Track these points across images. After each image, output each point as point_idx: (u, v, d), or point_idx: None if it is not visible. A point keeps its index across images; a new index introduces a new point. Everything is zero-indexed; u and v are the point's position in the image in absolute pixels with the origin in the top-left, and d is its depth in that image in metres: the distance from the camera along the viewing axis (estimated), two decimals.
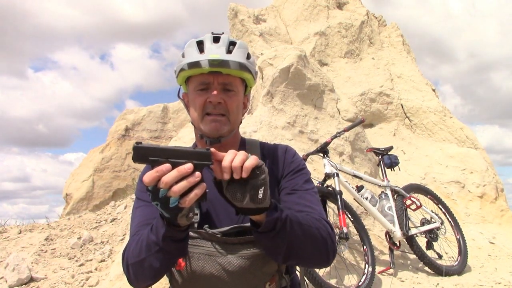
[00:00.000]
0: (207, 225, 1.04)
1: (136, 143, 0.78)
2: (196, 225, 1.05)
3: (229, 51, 1.11)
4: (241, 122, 1.22)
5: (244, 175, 0.82)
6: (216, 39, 1.13)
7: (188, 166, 0.77)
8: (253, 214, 0.89)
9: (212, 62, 1.07)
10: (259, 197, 0.83)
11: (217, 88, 1.11)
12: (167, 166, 0.76)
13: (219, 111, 1.11)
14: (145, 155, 0.77)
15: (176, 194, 0.78)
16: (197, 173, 0.79)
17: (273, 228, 0.88)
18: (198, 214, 1.07)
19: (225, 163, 0.82)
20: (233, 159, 0.82)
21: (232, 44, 1.14)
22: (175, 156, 0.78)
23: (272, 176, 1.11)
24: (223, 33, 1.17)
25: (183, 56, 1.14)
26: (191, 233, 1.02)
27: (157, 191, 0.78)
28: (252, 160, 0.83)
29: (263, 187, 0.84)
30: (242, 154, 0.83)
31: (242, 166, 0.82)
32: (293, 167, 1.18)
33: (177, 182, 0.78)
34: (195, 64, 1.09)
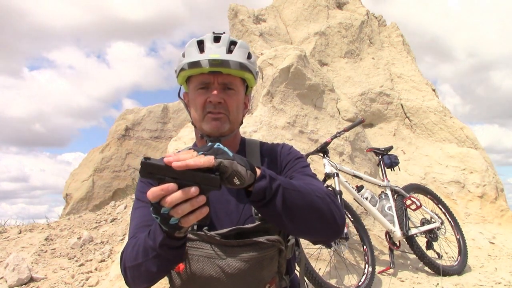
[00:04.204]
0: (206, 227, 1.03)
1: (144, 158, 0.75)
2: (195, 227, 1.04)
3: (229, 51, 1.11)
4: (242, 122, 1.22)
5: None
6: (216, 39, 1.13)
7: (194, 190, 0.76)
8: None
9: (212, 62, 1.07)
10: (236, 183, 0.81)
11: (217, 87, 1.11)
12: (173, 186, 0.75)
13: (219, 110, 1.11)
14: (152, 172, 0.76)
15: (178, 215, 0.77)
16: (202, 197, 0.77)
17: (263, 197, 0.86)
18: None
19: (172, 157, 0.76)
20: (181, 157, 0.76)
21: (232, 43, 1.13)
22: (182, 177, 0.76)
23: None
24: (224, 33, 1.16)
25: (183, 55, 1.14)
26: (190, 235, 1.02)
27: (159, 207, 0.77)
28: (199, 161, 0.76)
29: (235, 177, 0.80)
30: (199, 159, 0.76)
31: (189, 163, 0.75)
32: (290, 158, 1.19)
33: (181, 202, 0.76)
34: (195, 64, 1.09)
